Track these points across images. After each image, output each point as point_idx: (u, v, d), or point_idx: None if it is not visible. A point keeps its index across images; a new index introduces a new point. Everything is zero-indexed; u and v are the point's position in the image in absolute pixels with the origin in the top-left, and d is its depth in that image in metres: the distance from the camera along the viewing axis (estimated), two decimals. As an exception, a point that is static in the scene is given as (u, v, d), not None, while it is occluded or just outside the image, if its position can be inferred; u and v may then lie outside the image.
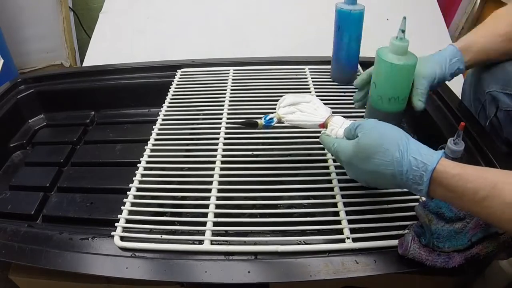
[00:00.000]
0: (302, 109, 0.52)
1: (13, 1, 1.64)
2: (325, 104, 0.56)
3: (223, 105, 0.73)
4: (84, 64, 1.20)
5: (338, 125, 0.50)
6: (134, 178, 0.57)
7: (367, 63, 0.82)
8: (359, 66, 0.79)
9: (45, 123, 0.85)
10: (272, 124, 0.54)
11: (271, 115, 0.55)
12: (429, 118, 0.69)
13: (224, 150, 0.62)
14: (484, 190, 0.36)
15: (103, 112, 0.86)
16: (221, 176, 0.57)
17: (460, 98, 0.74)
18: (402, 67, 0.51)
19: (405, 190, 0.45)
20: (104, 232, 0.51)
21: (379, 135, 0.44)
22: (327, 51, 0.78)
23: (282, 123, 0.54)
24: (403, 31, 0.50)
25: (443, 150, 0.40)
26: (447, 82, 0.64)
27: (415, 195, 0.51)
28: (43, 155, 0.74)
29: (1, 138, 0.77)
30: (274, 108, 0.65)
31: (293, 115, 0.52)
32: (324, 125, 0.51)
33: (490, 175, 0.37)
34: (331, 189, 0.54)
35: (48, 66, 1.80)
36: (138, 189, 0.56)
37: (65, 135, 0.78)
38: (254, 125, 0.55)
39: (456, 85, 0.74)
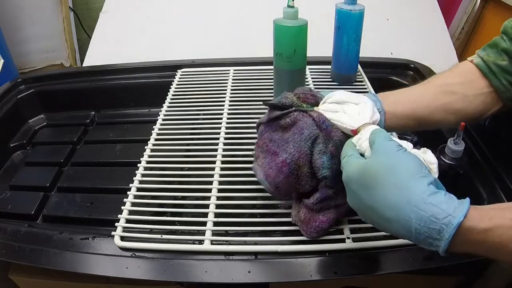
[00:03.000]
0: (346, 110, 0.45)
1: (13, 1, 1.65)
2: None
3: (223, 105, 0.73)
4: (84, 64, 1.20)
5: (367, 136, 0.41)
6: (134, 178, 0.57)
7: (367, 63, 0.82)
8: (359, 66, 0.79)
9: (45, 123, 0.85)
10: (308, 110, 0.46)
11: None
12: (429, 118, 0.69)
13: (224, 150, 0.62)
14: None
15: (103, 112, 0.86)
16: (221, 176, 0.57)
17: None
18: (279, 27, 0.61)
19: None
20: (104, 232, 0.51)
21: (391, 162, 0.35)
22: (327, 51, 0.78)
23: None
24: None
25: (468, 198, 0.33)
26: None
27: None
28: (43, 155, 0.74)
29: (1, 138, 0.77)
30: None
31: (332, 114, 0.45)
32: (356, 132, 0.43)
33: None
34: (331, 189, 0.54)
35: (48, 66, 1.80)
36: (138, 189, 0.56)
37: (65, 135, 0.78)
38: (287, 109, 0.47)
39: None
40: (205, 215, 0.51)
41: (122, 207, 0.52)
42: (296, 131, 0.46)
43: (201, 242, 0.48)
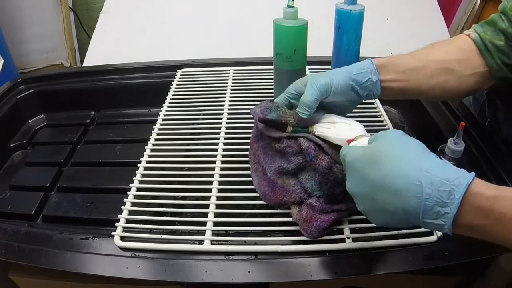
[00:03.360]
0: (338, 126, 0.49)
1: (13, 1, 1.65)
2: None
3: (223, 105, 0.73)
4: (84, 64, 1.20)
5: (365, 142, 0.44)
6: (134, 178, 0.57)
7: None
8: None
9: (45, 123, 0.84)
10: (303, 131, 0.50)
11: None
12: (429, 118, 0.69)
13: (224, 150, 0.62)
14: None
15: (103, 112, 0.86)
16: (221, 176, 0.57)
17: (460, 98, 0.74)
18: (279, 27, 0.61)
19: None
20: (104, 232, 0.51)
21: (399, 140, 0.37)
22: (327, 51, 0.78)
23: (313, 134, 0.50)
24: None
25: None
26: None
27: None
28: (43, 155, 0.74)
29: (1, 138, 0.77)
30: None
31: (327, 130, 0.49)
32: (351, 141, 0.47)
33: None
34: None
35: (48, 66, 1.81)
36: (138, 189, 0.56)
37: (65, 135, 0.78)
38: (283, 127, 0.51)
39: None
40: (205, 215, 0.51)
41: (122, 207, 0.52)
42: (284, 159, 0.50)
43: (201, 242, 0.48)
